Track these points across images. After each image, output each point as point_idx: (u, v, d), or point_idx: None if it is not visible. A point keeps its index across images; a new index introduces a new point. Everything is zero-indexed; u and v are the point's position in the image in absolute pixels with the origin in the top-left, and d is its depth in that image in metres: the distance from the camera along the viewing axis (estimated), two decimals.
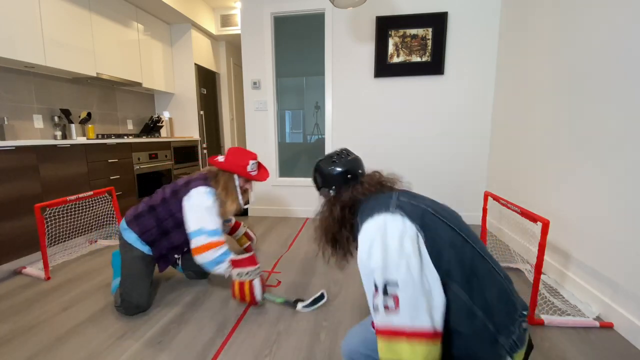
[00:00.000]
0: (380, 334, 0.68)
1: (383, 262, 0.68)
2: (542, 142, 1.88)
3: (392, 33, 2.67)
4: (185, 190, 1.45)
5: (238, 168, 1.51)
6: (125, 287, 1.42)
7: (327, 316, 1.43)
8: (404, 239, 0.69)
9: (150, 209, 1.47)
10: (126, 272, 1.44)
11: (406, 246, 0.68)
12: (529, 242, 1.99)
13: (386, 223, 0.72)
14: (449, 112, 2.72)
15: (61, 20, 2.43)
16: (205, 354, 1.19)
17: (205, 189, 1.45)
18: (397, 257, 0.67)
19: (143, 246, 1.46)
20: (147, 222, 1.45)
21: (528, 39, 2.08)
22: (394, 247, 0.68)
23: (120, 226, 1.50)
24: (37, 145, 2.01)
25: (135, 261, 1.44)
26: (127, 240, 1.45)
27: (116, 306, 1.45)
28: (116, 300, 1.45)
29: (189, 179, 1.51)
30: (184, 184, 1.48)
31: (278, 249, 2.25)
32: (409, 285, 0.65)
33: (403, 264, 0.66)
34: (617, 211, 1.32)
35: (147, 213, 1.47)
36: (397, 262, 0.67)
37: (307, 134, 3.09)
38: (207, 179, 1.50)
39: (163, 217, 1.46)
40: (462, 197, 2.81)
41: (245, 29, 2.95)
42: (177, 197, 1.46)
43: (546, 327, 1.33)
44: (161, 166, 3.19)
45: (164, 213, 1.46)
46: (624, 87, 1.30)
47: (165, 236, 1.48)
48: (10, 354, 1.20)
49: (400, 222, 0.71)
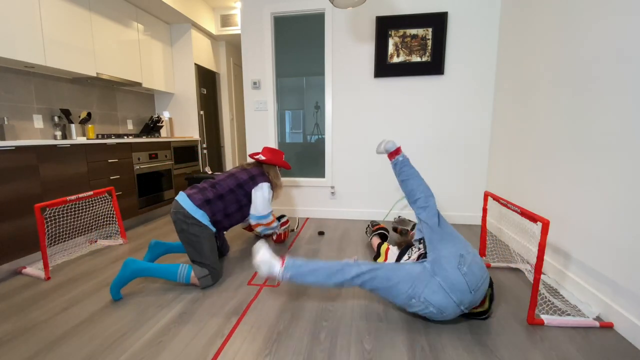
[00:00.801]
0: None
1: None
2: (542, 142, 1.88)
3: (392, 33, 2.68)
4: (252, 183, 1.93)
5: (278, 161, 2.12)
6: (211, 260, 1.69)
7: (327, 316, 1.43)
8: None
9: (219, 197, 1.81)
10: (208, 247, 1.70)
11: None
12: (529, 242, 1.99)
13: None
14: (449, 112, 2.72)
15: (61, 20, 2.43)
16: (205, 354, 1.19)
17: (268, 185, 1.98)
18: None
19: (211, 226, 1.77)
20: (216, 207, 1.78)
21: (528, 39, 2.08)
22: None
23: (189, 208, 1.69)
24: (37, 145, 2.01)
25: (212, 238, 1.74)
26: (202, 221, 1.71)
27: (202, 277, 1.65)
28: (200, 275, 1.64)
29: (251, 173, 1.96)
30: (249, 178, 1.94)
31: (278, 249, 2.26)
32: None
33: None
34: (617, 211, 1.32)
35: (217, 200, 1.79)
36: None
37: (307, 134, 3.09)
38: (264, 174, 2.01)
39: (230, 204, 1.84)
40: (462, 197, 2.81)
41: (245, 29, 2.95)
42: (243, 188, 1.90)
43: (546, 327, 1.33)
44: (161, 166, 3.19)
45: (231, 201, 1.85)
46: (624, 87, 1.30)
47: (227, 217, 1.85)
48: (10, 354, 1.20)
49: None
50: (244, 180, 1.92)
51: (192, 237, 1.68)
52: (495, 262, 1.95)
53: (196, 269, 1.65)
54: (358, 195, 2.99)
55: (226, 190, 1.85)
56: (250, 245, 2.36)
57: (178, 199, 1.75)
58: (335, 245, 2.33)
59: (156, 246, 1.91)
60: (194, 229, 1.68)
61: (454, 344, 1.23)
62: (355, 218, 3.02)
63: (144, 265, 1.59)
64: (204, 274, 1.66)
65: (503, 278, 1.78)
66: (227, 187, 1.85)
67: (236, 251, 2.23)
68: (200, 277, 1.65)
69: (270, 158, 2.10)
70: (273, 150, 2.14)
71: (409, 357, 1.16)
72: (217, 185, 1.85)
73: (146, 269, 1.59)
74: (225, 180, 1.89)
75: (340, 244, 2.35)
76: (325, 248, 2.27)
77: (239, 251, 2.23)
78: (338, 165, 2.98)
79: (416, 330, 1.32)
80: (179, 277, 1.63)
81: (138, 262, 1.58)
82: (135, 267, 1.57)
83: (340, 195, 3.03)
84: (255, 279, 1.80)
